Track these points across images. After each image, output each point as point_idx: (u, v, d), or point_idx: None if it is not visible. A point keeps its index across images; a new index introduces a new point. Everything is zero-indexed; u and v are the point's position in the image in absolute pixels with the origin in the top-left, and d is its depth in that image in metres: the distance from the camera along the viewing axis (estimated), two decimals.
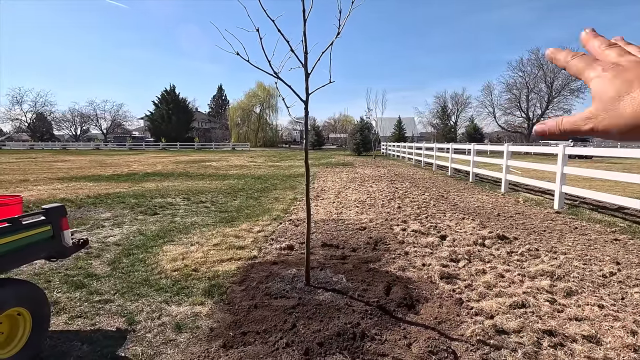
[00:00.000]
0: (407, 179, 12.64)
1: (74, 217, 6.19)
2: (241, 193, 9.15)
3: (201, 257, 4.07)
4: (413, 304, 2.88)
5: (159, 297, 3.05)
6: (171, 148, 50.85)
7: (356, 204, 7.55)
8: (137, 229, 5.45)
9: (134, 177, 13.15)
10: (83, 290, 3.21)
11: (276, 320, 2.55)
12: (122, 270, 3.68)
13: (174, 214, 6.53)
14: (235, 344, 2.32)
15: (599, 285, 3.27)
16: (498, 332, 2.45)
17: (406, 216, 6.29)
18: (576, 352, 2.22)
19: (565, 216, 6.27)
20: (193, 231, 5.29)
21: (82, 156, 29.42)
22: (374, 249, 4.40)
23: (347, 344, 2.28)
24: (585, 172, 6.65)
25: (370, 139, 32.57)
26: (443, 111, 62.63)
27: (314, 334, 2.38)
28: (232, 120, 61.17)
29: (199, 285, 3.28)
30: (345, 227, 5.47)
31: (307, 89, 2.95)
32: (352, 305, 2.76)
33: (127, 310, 2.82)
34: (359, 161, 23.24)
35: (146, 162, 22.20)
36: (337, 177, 12.99)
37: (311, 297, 2.89)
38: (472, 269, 3.69)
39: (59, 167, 17.82)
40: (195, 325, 2.58)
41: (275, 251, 4.32)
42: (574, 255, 4.12)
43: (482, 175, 12.44)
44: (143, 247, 4.46)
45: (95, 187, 10.05)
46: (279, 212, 6.65)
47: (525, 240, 4.77)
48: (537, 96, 51.90)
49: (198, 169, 16.73)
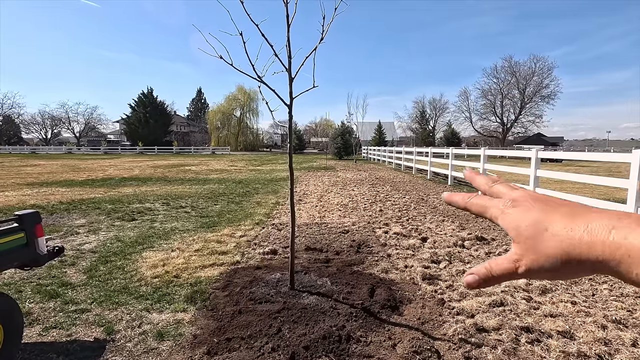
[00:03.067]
0: (388, 182, 12.82)
1: (46, 224, 5.92)
2: (222, 197, 9.02)
3: (182, 263, 3.98)
4: (397, 305, 2.92)
5: (139, 305, 2.97)
6: (149, 152, 49.51)
7: (339, 207, 7.59)
8: (115, 235, 5.27)
9: (109, 182, 12.72)
10: (57, 299, 3.07)
11: (261, 325, 2.53)
12: (99, 279, 3.55)
13: (153, 220, 6.36)
14: (220, 350, 2.28)
15: (571, 283, 3.42)
16: (479, 330, 2.53)
17: (388, 219, 6.38)
18: (552, 347, 2.31)
19: None
20: (173, 237, 5.17)
21: (53, 160, 28.20)
22: (357, 251, 4.44)
23: (333, 346, 2.29)
24: (556, 175, 6.96)
25: (351, 143, 32.87)
26: (422, 116, 64.01)
27: (299, 337, 2.38)
28: (212, 124, 60.28)
29: (181, 292, 3.21)
30: (328, 231, 5.50)
31: (291, 93, 2.96)
32: (337, 308, 2.78)
33: (105, 319, 2.73)
34: (341, 165, 23.39)
35: (122, 166, 21.53)
36: (319, 181, 13.03)
37: (296, 301, 2.89)
38: (453, 269, 3.79)
39: (28, 172, 17.01)
40: (178, 332, 2.52)
41: (258, 256, 4.29)
42: None
43: (460, 179, 12.78)
44: (121, 254, 4.32)
45: (68, 193, 9.66)
46: (262, 217, 6.60)
47: (502, 241, 4.93)
48: (510, 102, 53.98)
49: (177, 174, 16.38)
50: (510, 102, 53.95)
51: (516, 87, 52.65)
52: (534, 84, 51.39)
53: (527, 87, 51.78)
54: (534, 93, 51.41)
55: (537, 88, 51.24)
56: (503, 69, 53.71)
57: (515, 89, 52.87)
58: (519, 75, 52.04)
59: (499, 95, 54.05)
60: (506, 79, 53.54)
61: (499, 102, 54.36)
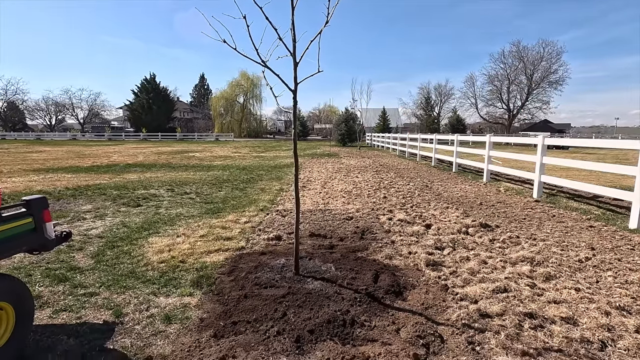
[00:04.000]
0: (392, 169, 12.78)
1: (53, 210, 5.99)
2: (226, 184, 9.05)
3: (188, 248, 4.03)
4: (400, 290, 2.94)
5: (146, 289, 3.01)
6: (152, 138, 49.59)
7: (342, 194, 7.60)
8: (121, 221, 5.33)
9: (114, 168, 12.79)
10: (66, 283, 3.13)
11: (267, 310, 2.57)
12: (107, 263, 3.60)
13: (158, 206, 6.41)
14: (226, 333, 2.32)
15: (575, 270, 3.42)
16: (482, 315, 2.55)
17: (392, 206, 6.38)
18: (555, 333, 2.33)
19: (543, 204, 6.50)
20: (178, 222, 5.22)
21: (59, 147, 28.35)
22: (361, 238, 4.46)
23: (338, 330, 2.32)
24: (563, 162, 6.88)
25: (355, 129, 32.64)
26: (427, 102, 63.27)
27: (304, 321, 2.41)
28: (215, 110, 60.01)
29: (187, 277, 3.25)
30: (332, 217, 5.51)
31: (296, 78, 2.92)
32: (342, 293, 2.80)
33: (113, 302, 2.78)
34: (344, 152, 23.31)
35: (127, 153, 21.61)
36: (322, 168, 13.01)
37: (301, 286, 2.92)
38: (457, 256, 3.80)
39: (34, 158, 17.13)
40: (185, 316, 2.57)
41: (263, 242, 4.32)
42: (552, 241, 4.29)
43: (464, 166, 12.70)
44: (127, 239, 4.38)
45: (74, 179, 9.73)
46: (266, 203, 6.63)
47: (507, 228, 4.93)
48: (517, 88, 53.01)
49: (181, 160, 16.42)
50: (517, 88, 53.02)
51: (523, 73, 51.66)
52: (542, 69, 50.36)
53: (535, 73, 50.77)
54: (542, 78, 50.42)
55: (545, 73, 50.22)
56: (511, 53, 52.61)
57: (523, 75, 51.88)
58: (527, 60, 50.97)
59: (506, 81, 53.09)
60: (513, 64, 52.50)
61: (505, 88, 53.44)
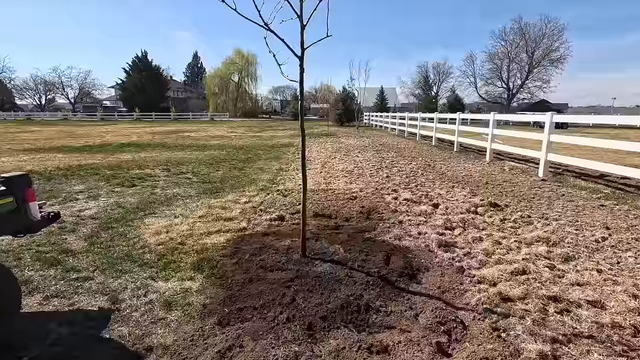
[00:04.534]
0: (392, 149, 12.54)
1: (44, 190, 5.74)
2: (224, 163, 8.79)
3: (187, 229, 3.83)
4: (414, 273, 2.79)
5: (144, 272, 2.83)
6: (146, 118, 48.60)
7: (344, 173, 7.39)
8: (115, 201, 5.10)
9: (107, 148, 12.44)
10: (58, 267, 2.94)
11: (274, 294, 2.40)
12: (101, 245, 3.40)
13: (154, 186, 6.17)
14: (232, 320, 2.16)
15: (593, 250, 3.28)
16: (503, 299, 2.40)
17: (396, 185, 6.19)
18: (583, 318, 2.19)
19: (551, 183, 6.34)
20: (176, 203, 5.00)
21: (50, 127, 27.67)
22: (368, 218, 4.28)
23: (352, 316, 2.16)
24: (572, 140, 6.68)
25: (352, 109, 32.10)
26: (425, 81, 62.28)
27: (315, 307, 2.24)
28: (210, 90, 58.73)
29: (187, 260, 3.07)
30: (335, 197, 5.32)
31: (303, 43, 2.64)
32: (353, 276, 2.64)
33: (109, 287, 2.59)
34: (342, 131, 22.95)
35: (120, 132, 21.12)
36: (321, 148, 12.74)
37: (309, 268, 2.75)
38: (469, 236, 3.64)
39: (23, 138, 16.66)
40: (187, 302, 2.39)
41: (265, 222, 4.13)
42: (565, 221, 4.14)
43: (466, 145, 12.49)
44: (123, 221, 4.17)
45: (66, 159, 9.41)
46: (266, 183, 6.41)
47: (517, 207, 4.77)
48: (517, 66, 52.14)
49: (176, 140, 16.04)
50: (518, 67, 52.17)
51: (524, 50, 50.68)
52: (543, 46, 49.40)
53: (536, 50, 49.81)
54: (543, 57, 49.55)
55: (546, 51, 49.31)
56: (512, 30, 51.42)
57: (524, 52, 50.92)
58: (529, 37, 49.90)
59: (506, 59, 52.17)
60: (514, 41, 51.41)
61: (505, 67, 52.58)
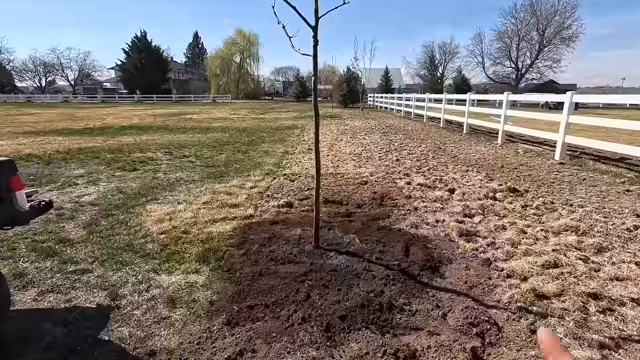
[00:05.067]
0: (399, 131, 12.20)
1: (43, 175, 5.55)
2: (227, 147, 8.53)
3: (191, 217, 3.63)
4: (436, 265, 2.58)
5: (146, 265, 2.64)
6: (147, 100, 48.02)
7: (352, 157, 7.13)
8: (116, 186, 4.90)
9: (108, 131, 12.18)
10: (55, 258, 2.75)
11: (287, 290, 2.20)
12: (101, 234, 3.21)
13: (156, 170, 5.96)
14: (242, 320, 1.97)
15: (626, 240, 3.05)
16: (538, 296, 2.19)
17: (407, 169, 5.94)
18: (629, 318, 1.98)
19: (570, 167, 6.06)
20: (179, 188, 4.80)
21: (50, 109, 27.34)
22: (381, 204, 4.06)
23: (374, 316, 1.96)
24: (591, 121, 6.34)
25: (357, 90, 31.39)
26: (431, 61, 60.66)
27: (332, 305, 2.05)
28: (211, 71, 57.68)
29: (192, 250, 2.87)
30: (345, 182, 5.09)
31: (317, 10, 2.34)
32: (371, 269, 2.43)
33: (108, 281, 2.41)
34: (347, 113, 22.48)
35: (121, 115, 20.79)
36: (327, 130, 12.41)
37: (323, 261, 2.54)
38: (490, 224, 3.41)
39: (23, 120, 16.41)
40: (192, 298, 2.20)
41: (273, 209, 3.92)
42: (592, 208, 3.90)
43: (475, 126, 12.11)
44: (123, 207, 3.97)
45: (66, 142, 9.19)
46: (271, 167, 6.17)
47: (537, 192, 4.52)
48: (527, 45, 50.32)
49: (178, 122, 15.73)
50: (528, 45, 50.35)
51: (535, 28, 48.82)
52: (555, 24, 47.49)
53: (548, 28, 47.95)
54: (554, 35, 47.73)
55: (558, 29, 47.45)
56: (523, 7, 49.38)
57: (534, 30, 49.05)
58: (540, 14, 47.99)
59: (516, 38, 50.34)
60: (525, 18, 49.46)
61: (515, 45, 50.80)
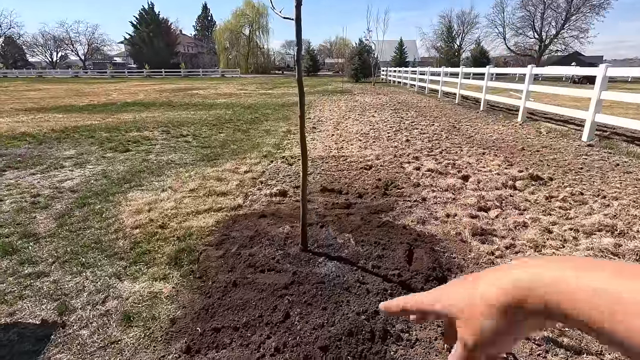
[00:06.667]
0: (412, 107, 11.51)
1: (31, 156, 5.28)
2: (228, 125, 8.12)
3: (172, 207, 3.29)
4: (444, 275, 2.18)
5: (110, 267, 2.32)
6: (156, 75, 47.46)
7: (358, 136, 6.64)
8: (102, 169, 4.60)
9: (110, 107, 11.86)
10: (13, 257, 2.46)
11: (262, 307, 1.85)
12: (71, 228, 2.91)
13: (149, 151, 5.62)
14: (204, 347, 1.63)
15: None
16: None
17: (417, 151, 5.44)
18: None
19: (599, 150, 5.46)
20: (167, 172, 4.45)
21: (59, 84, 27.18)
22: (385, 194, 3.63)
23: (363, 347, 1.60)
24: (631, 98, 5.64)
25: (369, 63, 30.14)
26: (448, 33, 57.74)
27: (314, 331, 1.69)
28: (220, 44, 56.37)
29: (165, 249, 2.54)
30: (348, 166, 4.65)
31: None
32: (366, 281, 2.05)
33: (62, 289, 2.10)
34: (358, 88, 21.59)
35: (128, 90, 20.44)
36: (334, 106, 11.82)
37: (310, 269, 2.17)
38: (509, 220, 2.97)
39: (30, 96, 16.23)
40: (152, 314, 1.88)
41: (264, 198, 3.55)
42: (628, 200, 3.39)
43: (493, 103, 11.33)
44: (103, 195, 3.65)
45: (64, 119, 8.92)
46: (270, 148, 5.76)
47: (563, 180, 4.01)
48: (553, 13, 47.11)
49: (183, 98, 15.30)
50: (553, 14, 47.14)
51: None
52: None
53: None
54: (583, 2, 44.51)
55: None
56: None
57: None
58: None
59: (541, 5, 47.17)
60: None
61: (539, 14, 47.63)
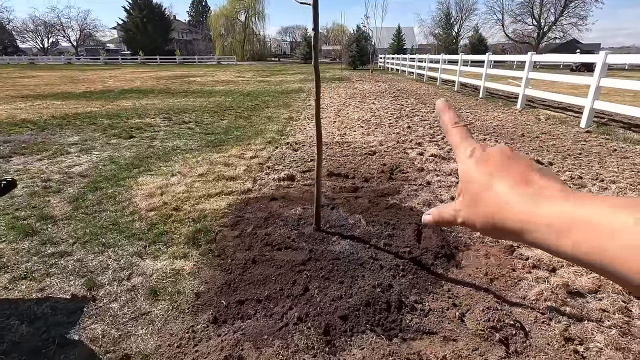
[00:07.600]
0: (411, 94, 11.53)
1: (35, 142, 5.30)
2: (229, 112, 8.13)
3: (184, 191, 3.37)
4: (452, 253, 2.29)
5: (131, 247, 2.41)
6: (151, 62, 46.70)
7: (360, 123, 6.69)
8: (109, 155, 4.64)
9: (108, 94, 11.77)
10: (34, 238, 2.54)
11: (282, 282, 1.95)
12: (86, 210, 2.98)
13: (153, 137, 5.65)
14: (230, 317, 1.74)
15: None
16: (571, 293, 1.90)
17: (419, 137, 5.52)
18: None
19: (597, 136, 5.57)
20: (174, 158, 4.51)
21: (52, 72, 26.72)
22: (390, 178, 3.73)
23: (380, 316, 1.71)
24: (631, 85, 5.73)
25: (367, 50, 29.89)
26: (446, 19, 57.14)
27: (333, 302, 1.80)
28: (216, 30, 55.38)
29: (182, 230, 2.63)
30: (352, 152, 4.73)
31: None
32: (378, 258, 2.16)
33: (87, 267, 2.19)
34: (356, 75, 21.48)
35: (123, 77, 20.19)
36: (334, 93, 11.81)
37: (325, 247, 2.27)
38: None
39: (24, 83, 16.01)
40: (177, 289, 1.97)
41: (272, 182, 3.63)
42: (625, 184, 3.51)
43: (492, 90, 11.38)
44: (114, 180, 3.71)
45: (63, 106, 8.86)
46: (274, 134, 5.81)
47: (563, 165, 4.12)
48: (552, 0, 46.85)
49: (181, 85, 15.17)
50: (552, 1, 46.84)
51: None
52: None
53: None
54: None
55: None
56: None
57: None
58: None
59: None
60: None
61: (538, 1, 47.34)
